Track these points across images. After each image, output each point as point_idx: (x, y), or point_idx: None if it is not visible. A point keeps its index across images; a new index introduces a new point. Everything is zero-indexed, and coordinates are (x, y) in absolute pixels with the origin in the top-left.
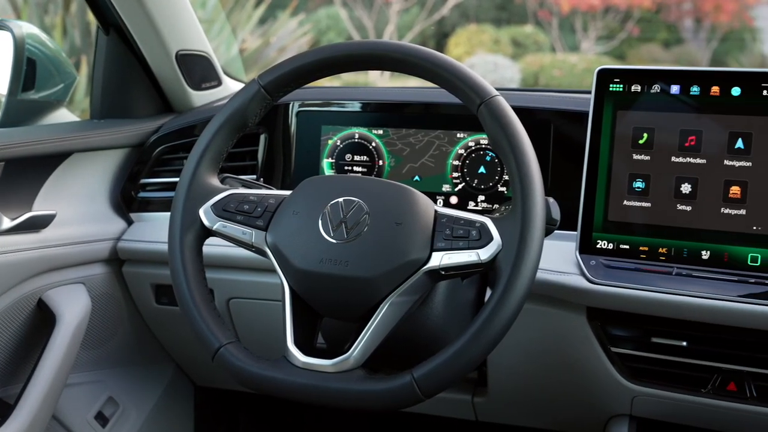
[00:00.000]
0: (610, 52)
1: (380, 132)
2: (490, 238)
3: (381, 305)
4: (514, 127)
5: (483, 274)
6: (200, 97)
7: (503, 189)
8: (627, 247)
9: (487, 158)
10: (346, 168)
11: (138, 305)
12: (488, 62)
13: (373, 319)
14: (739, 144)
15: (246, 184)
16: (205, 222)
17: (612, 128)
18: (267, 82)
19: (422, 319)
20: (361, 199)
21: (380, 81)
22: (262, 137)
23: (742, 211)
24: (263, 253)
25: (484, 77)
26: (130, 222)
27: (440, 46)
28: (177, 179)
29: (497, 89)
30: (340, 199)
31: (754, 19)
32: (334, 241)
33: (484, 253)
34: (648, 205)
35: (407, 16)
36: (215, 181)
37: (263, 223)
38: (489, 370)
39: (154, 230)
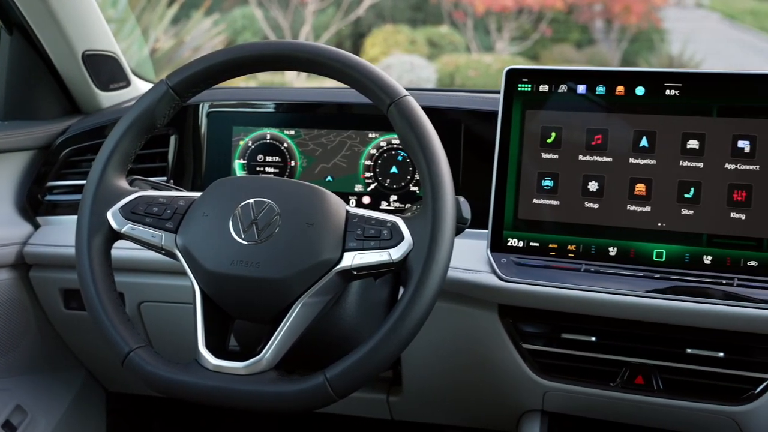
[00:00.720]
0: (524, 53)
1: (292, 132)
2: (401, 238)
3: (293, 306)
4: (424, 127)
5: (395, 273)
6: (108, 98)
7: (415, 189)
8: (537, 244)
9: (399, 158)
10: (258, 169)
11: (46, 311)
12: (405, 62)
13: (285, 320)
14: (644, 142)
15: (155, 186)
16: (114, 225)
17: (521, 127)
18: (175, 83)
19: (335, 320)
20: (272, 200)
21: (297, 81)
22: (172, 138)
23: (647, 208)
24: (173, 256)
25: (401, 77)
26: (36, 226)
27: (356, 47)
28: (85, 182)
29: (409, 89)
30: (251, 200)
31: (661, 20)
32: (245, 242)
33: (396, 253)
34: (557, 203)
35: (323, 16)
36: (123, 184)
37: (173, 225)
38: (403, 368)
39: (61, 234)
